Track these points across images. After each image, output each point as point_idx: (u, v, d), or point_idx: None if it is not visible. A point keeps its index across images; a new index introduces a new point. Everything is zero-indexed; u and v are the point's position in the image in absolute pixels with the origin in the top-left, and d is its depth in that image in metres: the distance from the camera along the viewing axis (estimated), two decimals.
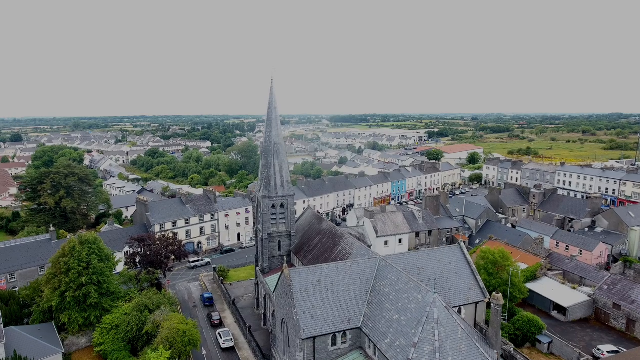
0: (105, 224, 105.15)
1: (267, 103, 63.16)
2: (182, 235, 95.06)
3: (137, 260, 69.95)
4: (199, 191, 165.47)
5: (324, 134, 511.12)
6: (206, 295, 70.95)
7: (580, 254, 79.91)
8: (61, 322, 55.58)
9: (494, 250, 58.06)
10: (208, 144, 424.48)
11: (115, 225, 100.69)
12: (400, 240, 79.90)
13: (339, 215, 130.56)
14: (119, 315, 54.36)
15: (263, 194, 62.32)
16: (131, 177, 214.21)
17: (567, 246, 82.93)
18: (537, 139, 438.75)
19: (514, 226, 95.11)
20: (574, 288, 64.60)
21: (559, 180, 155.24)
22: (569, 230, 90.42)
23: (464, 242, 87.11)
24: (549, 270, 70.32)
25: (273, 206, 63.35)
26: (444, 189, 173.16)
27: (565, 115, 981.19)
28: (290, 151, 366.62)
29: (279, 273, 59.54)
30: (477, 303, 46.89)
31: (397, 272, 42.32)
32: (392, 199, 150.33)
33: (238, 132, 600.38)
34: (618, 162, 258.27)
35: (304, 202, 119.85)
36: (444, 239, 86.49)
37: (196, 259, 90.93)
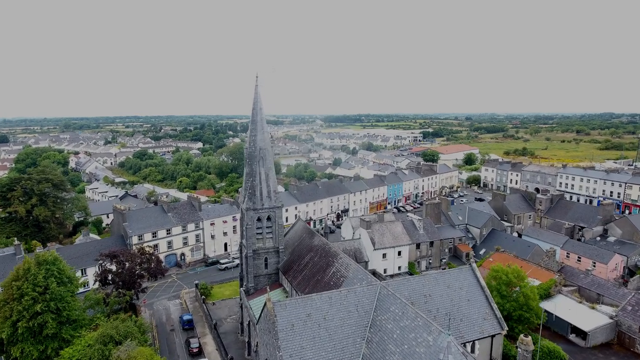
0: (82, 233, 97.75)
1: (252, 103, 56.36)
2: (163, 247, 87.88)
3: (109, 279, 62.83)
4: (186, 195, 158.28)
5: (318, 134, 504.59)
6: (185, 318, 63.82)
7: (594, 266, 73.89)
8: (12, 357, 48.32)
9: (507, 269, 51.62)
10: (199, 145, 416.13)
11: (92, 235, 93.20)
12: (399, 253, 73.42)
13: (333, 222, 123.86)
14: (80, 347, 47.09)
15: (247, 206, 55.44)
16: (117, 180, 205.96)
17: (578, 258, 76.86)
18: (532, 139, 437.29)
19: (519, 235, 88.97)
20: (593, 308, 58.37)
21: (560, 183, 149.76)
22: (579, 240, 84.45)
23: (469, 254, 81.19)
24: (562, 286, 64.10)
25: (259, 219, 56.49)
26: (441, 192, 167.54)
27: (558, 115, 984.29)
28: (283, 152, 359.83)
29: (267, 293, 52.81)
30: (493, 336, 40.39)
31: (402, 303, 35.66)
32: (389, 203, 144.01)
33: (231, 132, 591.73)
34: (616, 163, 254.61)
35: (295, 208, 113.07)
36: (446, 250, 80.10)
37: (226, 260, 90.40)
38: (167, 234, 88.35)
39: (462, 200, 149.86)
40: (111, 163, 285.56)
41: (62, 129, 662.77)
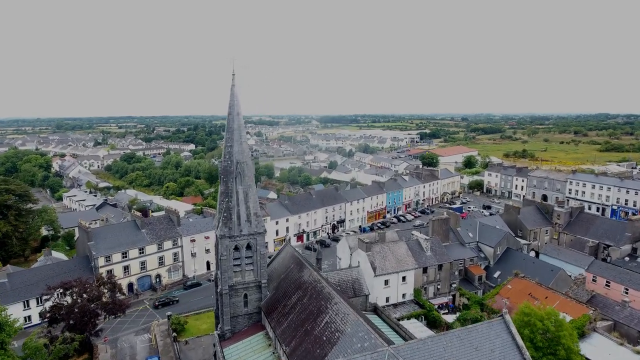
0: (51, 249, 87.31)
1: (228, 107, 46.30)
2: (135, 268, 77.58)
3: (61, 314, 52.53)
4: (172, 203, 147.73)
5: (314, 135, 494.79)
6: None
7: (626, 293, 64.40)
8: None
9: (541, 312, 41.87)
10: (192, 146, 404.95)
11: (56, 254, 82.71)
12: (404, 278, 63.62)
13: (328, 234, 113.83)
14: None
15: (222, 233, 45.39)
16: (101, 184, 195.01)
17: (607, 282, 67.33)
18: (530, 140, 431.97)
19: (537, 254, 79.36)
20: (639, 353, 48.76)
21: (570, 190, 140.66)
22: (605, 260, 74.95)
23: (481, 277, 71.43)
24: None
25: (236, 248, 46.46)
26: (443, 199, 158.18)
27: (554, 115, 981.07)
28: (277, 155, 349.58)
29: (246, 339, 42.89)
30: None
31: None
32: (388, 212, 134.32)
33: (224, 133, 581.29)
34: (619, 165, 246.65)
35: (287, 220, 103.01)
36: (456, 273, 70.35)
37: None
38: (140, 253, 78.02)
39: (469, 208, 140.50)
40: (98, 166, 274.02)
41: (54, 130, 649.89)
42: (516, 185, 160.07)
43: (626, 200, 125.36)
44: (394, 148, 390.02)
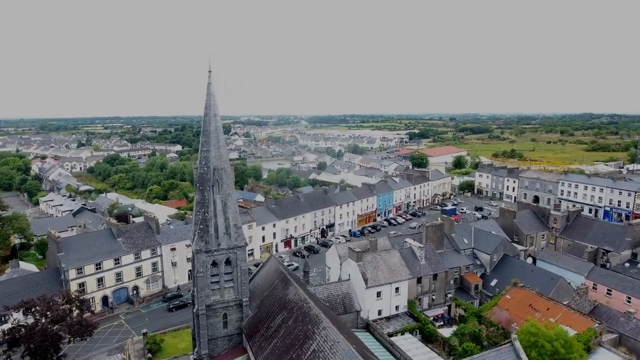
0: (20, 259, 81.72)
1: (204, 108, 41.86)
2: (110, 280, 72.48)
3: (21, 335, 47.47)
4: (154, 207, 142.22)
5: (303, 135, 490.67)
6: None
7: (629, 302, 61.53)
8: None
9: (550, 333, 38.32)
10: (178, 147, 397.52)
11: (26, 266, 77.16)
12: (397, 289, 59.80)
13: (317, 239, 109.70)
14: None
15: (197, 247, 40.97)
16: (83, 188, 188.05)
17: (608, 290, 64.40)
18: (518, 140, 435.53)
19: (534, 260, 76.30)
20: None
21: (562, 191, 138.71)
22: (604, 266, 72.08)
23: (477, 285, 67.94)
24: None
25: (214, 264, 42.08)
26: (434, 201, 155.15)
27: (540, 115, 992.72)
28: (266, 155, 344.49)
29: None
30: None
31: None
32: (378, 215, 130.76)
33: (201, 137, 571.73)
34: (607, 165, 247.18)
35: (274, 225, 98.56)
36: (451, 281, 66.84)
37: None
38: (116, 264, 72.92)
39: (462, 210, 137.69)
40: (80, 168, 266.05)
41: (37, 131, 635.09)
42: (507, 186, 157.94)
43: (619, 202, 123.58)
44: (383, 148, 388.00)
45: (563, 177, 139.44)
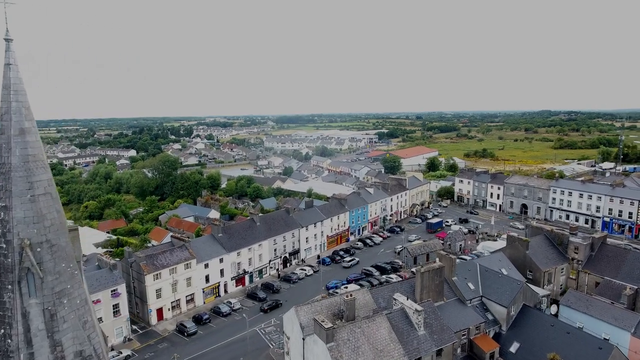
0: None
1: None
2: None
3: None
4: (82, 231, 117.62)
5: (268, 137, 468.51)
6: None
7: None
8: None
9: None
10: (133, 152, 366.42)
11: None
12: None
13: (278, 271, 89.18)
14: None
15: None
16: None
17: None
18: (486, 139, 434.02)
19: (554, 303, 58.93)
20: None
21: (554, 199, 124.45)
22: None
23: (494, 354, 49.51)
24: None
25: None
26: (412, 212, 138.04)
27: (502, 113, 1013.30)
28: (228, 160, 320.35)
29: None
30: None
31: None
32: (351, 234, 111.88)
33: (173, 137, 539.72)
34: (580, 164, 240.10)
35: (221, 260, 77.28)
36: (458, 349, 48.40)
37: None
38: None
39: (447, 222, 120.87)
40: None
41: None
42: (491, 194, 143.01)
43: (620, 211, 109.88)
44: (352, 149, 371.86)
45: (554, 184, 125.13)
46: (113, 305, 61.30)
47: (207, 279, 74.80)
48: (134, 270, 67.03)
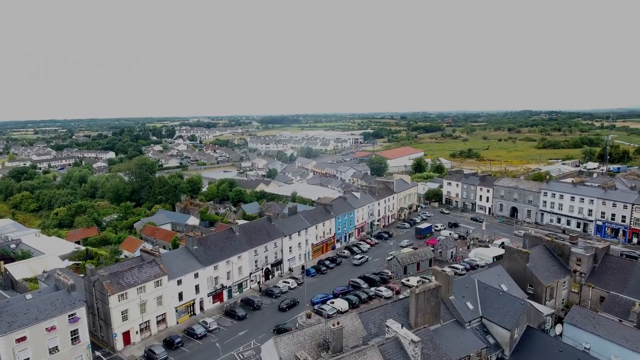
0: None
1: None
2: None
3: None
4: (49, 241, 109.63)
5: (253, 138, 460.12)
6: None
7: None
8: None
9: None
10: (111, 154, 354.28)
11: None
12: None
13: (259, 284, 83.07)
14: None
15: None
16: None
17: None
18: (470, 139, 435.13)
19: (560, 322, 54.35)
20: None
21: (545, 202, 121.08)
22: None
23: None
24: None
25: None
26: (400, 216, 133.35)
27: (484, 113, 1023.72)
28: (210, 161, 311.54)
29: None
30: None
31: None
32: (338, 241, 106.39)
33: (154, 138, 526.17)
34: (565, 164, 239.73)
35: (195, 275, 70.75)
36: None
37: None
38: None
39: (436, 227, 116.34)
40: None
41: None
42: (480, 196, 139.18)
43: (612, 215, 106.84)
44: (338, 150, 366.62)
45: (545, 186, 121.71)
46: (71, 332, 54.42)
47: (180, 296, 68.30)
48: (97, 290, 60.22)
